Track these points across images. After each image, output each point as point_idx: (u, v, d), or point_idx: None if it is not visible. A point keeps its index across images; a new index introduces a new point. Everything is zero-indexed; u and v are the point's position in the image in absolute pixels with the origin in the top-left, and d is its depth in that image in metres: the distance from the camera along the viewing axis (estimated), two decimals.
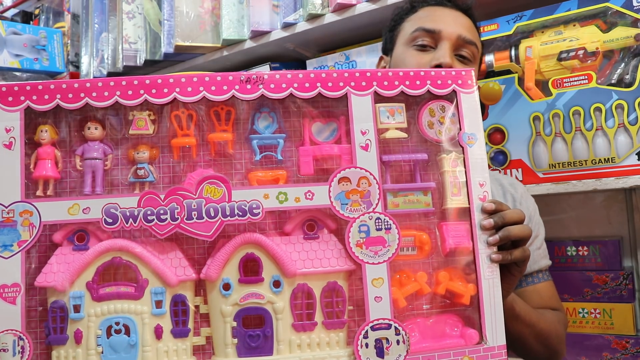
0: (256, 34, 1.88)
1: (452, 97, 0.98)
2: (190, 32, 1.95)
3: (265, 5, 1.87)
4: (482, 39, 1.60)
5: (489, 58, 1.56)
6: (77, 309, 0.89)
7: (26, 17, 2.57)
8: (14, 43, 2.18)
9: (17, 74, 2.18)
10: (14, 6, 2.59)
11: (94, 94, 0.92)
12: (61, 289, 0.88)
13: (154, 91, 0.92)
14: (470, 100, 0.98)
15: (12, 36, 2.17)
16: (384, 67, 1.45)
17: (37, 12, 2.53)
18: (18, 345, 0.87)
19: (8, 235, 0.88)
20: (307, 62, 1.93)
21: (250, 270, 0.92)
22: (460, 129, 0.97)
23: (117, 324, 0.89)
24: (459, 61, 1.33)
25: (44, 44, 2.25)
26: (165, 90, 0.93)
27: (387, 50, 1.45)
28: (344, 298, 0.93)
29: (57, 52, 2.27)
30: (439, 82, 0.98)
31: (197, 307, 0.93)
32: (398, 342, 0.91)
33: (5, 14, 2.60)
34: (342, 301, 0.93)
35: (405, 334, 0.91)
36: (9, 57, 2.16)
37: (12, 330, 0.87)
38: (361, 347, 0.90)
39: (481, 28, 1.59)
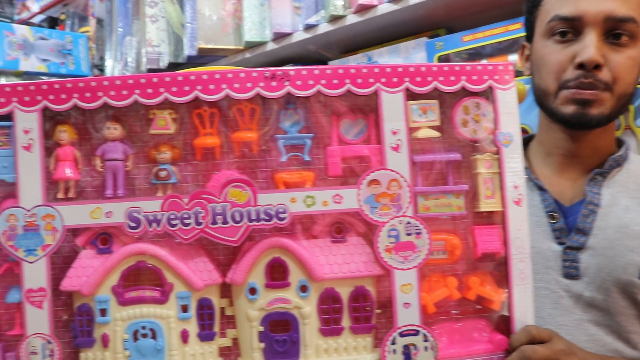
0: (278, 36, 1.86)
1: (488, 93, 0.93)
2: (213, 34, 1.93)
3: (286, 7, 1.84)
4: (505, 39, 1.49)
5: (512, 58, 1.48)
6: (103, 312, 0.88)
7: (52, 23, 2.60)
8: (41, 48, 2.21)
9: (44, 78, 2.17)
10: (41, 12, 2.63)
11: (112, 93, 0.88)
12: (86, 293, 0.88)
13: (174, 89, 0.88)
14: (507, 97, 0.93)
15: (40, 41, 2.21)
16: (528, 56, 1.22)
17: (62, 17, 2.56)
18: (47, 348, 0.87)
19: (32, 240, 0.87)
20: (329, 63, 1.91)
21: (276, 274, 0.91)
22: (496, 128, 0.93)
23: (144, 328, 0.88)
24: (611, 48, 1.07)
25: (70, 48, 2.28)
26: (187, 88, 0.88)
27: (529, 37, 1.21)
28: (371, 303, 0.91)
29: (82, 56, 2.31)
30: (475, 77, 0.92)
31: (222, 308, 0.92)
32: (426, 348, 0.90)
33: (32, 20, 2.64)
34: (369, 306, 0.91)
35: (434, 341, 0.90)
36: (37, 61, 2.19)
37: (40, 334, 0.87)
38: (388, 353, 0.89)
39: (504, 27, 1.49)
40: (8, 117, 0.88)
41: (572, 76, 1.06)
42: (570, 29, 1.08)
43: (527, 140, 1.24)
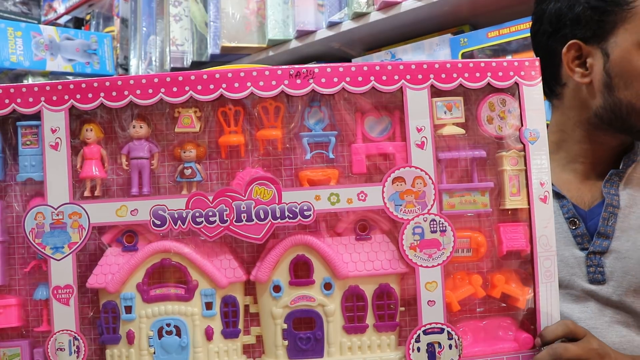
0: (301, 34, 1.85)
1: (514, 89, 0.92)
2: (236, 33, 1.93)
3: (310, 4, 1.83)
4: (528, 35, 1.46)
5: None
6: (128, 310, 0.89)
7: (78, 23, 2.64)
8: (67, 48, 2.25)
9: (70, 77, 2.22)
10: (66, 13, 2.66)
11: (138, 92, 0.89)
12: (112, 290, 0.89)
13: (199, 87, 0.89)
14: (533, 94, 0.92)
15: (66, 41, 2.25)
16: (576, 56, 1.09)
17: (88, 17, 2.59)
18: (73, 345, 0.88)
19: (59, 237, 0.88)
20: (353, 60, 1.89)
21: (300, 271, 0.91)
22: (522, 125, 0.92)
23: (168, 325, 0.89)
24: None
25: (95, 48, 2.31)
26: (212, 86, 0.89)
27: (589, 38, 1.06)
28: (396, 300, 0.91)
29: (107, 56, 2.34)
30: (500, 73, 0.91)
31: (247, 306, 0.93)
32: (450, 346, 0.89)
33: (58, 21, 2.69)
34: (394, 303, 0.91)
35: (458, 339, 0.89)
36: (63, 61, 2.23)
37: (67, 330, 0.88)
38: (412, 351, 0.89)
39: (530, 23, 1.44)
40: (36, 116, 0.89)
41: None
42: None
43: None
